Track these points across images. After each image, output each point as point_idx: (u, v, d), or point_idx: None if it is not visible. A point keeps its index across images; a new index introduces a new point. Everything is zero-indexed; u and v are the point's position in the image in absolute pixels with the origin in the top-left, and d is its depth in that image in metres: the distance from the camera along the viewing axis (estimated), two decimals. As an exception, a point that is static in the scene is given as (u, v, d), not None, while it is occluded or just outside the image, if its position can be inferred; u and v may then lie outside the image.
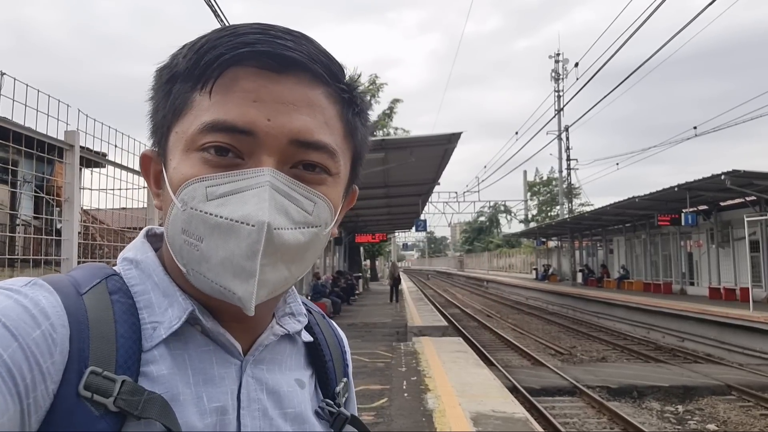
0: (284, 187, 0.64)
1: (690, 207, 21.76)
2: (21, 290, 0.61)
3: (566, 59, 47.59)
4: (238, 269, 0.62)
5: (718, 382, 11.86)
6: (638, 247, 32.66)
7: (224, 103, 0.64)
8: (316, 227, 0.68)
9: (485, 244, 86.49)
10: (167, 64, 0.70)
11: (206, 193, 0.63)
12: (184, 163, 0.66)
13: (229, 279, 0.62)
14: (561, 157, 47.48)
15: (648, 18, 12.95)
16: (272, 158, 0.65)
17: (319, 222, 0.68)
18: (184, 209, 0.64)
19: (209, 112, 0.64)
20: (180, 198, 0.65)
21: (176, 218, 0.66)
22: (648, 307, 21.68)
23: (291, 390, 0.76)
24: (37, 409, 0.56)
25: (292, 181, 0.65)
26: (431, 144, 13.28)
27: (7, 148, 3.60)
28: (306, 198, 0.66)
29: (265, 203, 0.62)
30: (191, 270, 0.65)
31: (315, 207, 0.67)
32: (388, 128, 34.04)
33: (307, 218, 0.66)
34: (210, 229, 0.63)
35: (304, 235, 0.66)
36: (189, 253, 0.65)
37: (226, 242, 0.62)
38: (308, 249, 0.68)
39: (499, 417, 7.16)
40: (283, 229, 0.63)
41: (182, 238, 0.65)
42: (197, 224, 0.63)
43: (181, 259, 0.67)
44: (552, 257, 48.92)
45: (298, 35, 0.67)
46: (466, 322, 23.79)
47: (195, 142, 0.65)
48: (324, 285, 19.09)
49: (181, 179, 0.65)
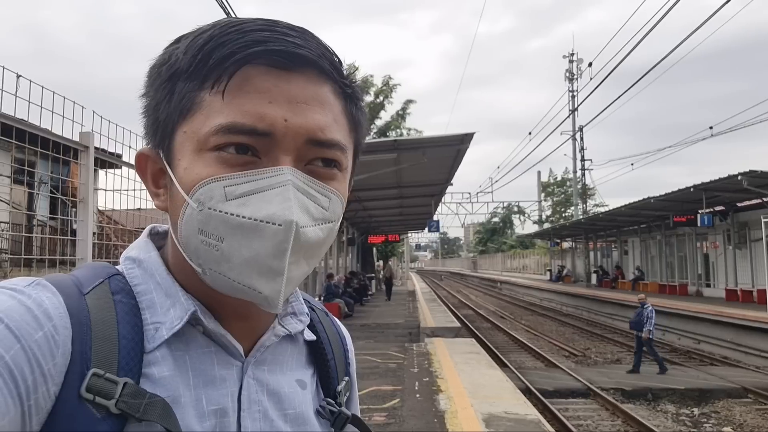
0: (304, 186, 0.65)
1: (706, 208, 21.51)
2: (24, 290, 0.61)
3: (580, 59, 47.28)
4: (264, 268, 0.62)
5: (734, 384, 11.73)
6: (653, 249, 32.35)
7: (239, 105, 0.64)
8: (332, 222, 0.69)
9: (499, 245, 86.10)
10: (165, 59, 0.68)
11: (225, 192, 0.63)
12: (197, 163, 0.65)
13: (255, 278, 0.63)
14: (575, 157, 47.13)
15: (663, 17, 12.85)
16: (289, 157, 0.65)
17: (334, 217, 0.69)
18: (201, 209, 0.64)
19: (223, 114, 0.64)
20: (195, 198, 0.64)
21: (191, 218, 0.65)
22: (663, 308, 21.44)
23: (292, 391, 0.76)
24: (38, 411, 0.56)
25: (310, 179, 0.66)
26: (444, 144, 13.24)
27: (25, 149, 3.65)
28: (322, 195, 0.67)
29: (290, 202, 0.62)
30: (209, 270, 0.65)
31: (330, 203, 0.68)
32: (401, 129, 34.00)
33: (324, 214, 0.67)
34: (232, 229, 0.62)
35: (323, 231, 0.67)
36: (207, 254, 0.64)
37: (250, 242, 0.62)
38: (324, 243, 0.69)
39: (511, 418, 7.14)
40: (306, 227, 0.64)
41: (199, 239, 0.64)
42: (216, 224, 0.63)
43: (197, 259, 0.66)
44: (566, 258, 48.61)
45: (302, 31, 0.67)
46: (479, 323, 23.73)
47: (208, 143, 0.64)
48: (337, 285, 19.11)
49: (195, 179, 0.65)
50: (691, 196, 20.42)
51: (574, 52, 48.62)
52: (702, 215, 21.65)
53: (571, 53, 48.20)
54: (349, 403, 0.88)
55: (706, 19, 11.86)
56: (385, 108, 33.62)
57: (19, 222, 10.19)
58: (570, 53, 48.23)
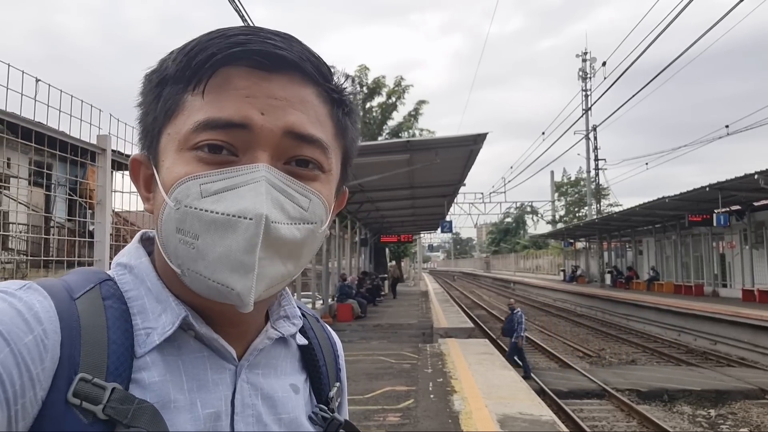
0: (279, 183, 0.65)
1: (722, 207, 21.27)
2: (15, 293, 0.61)
3: (593, 58, 47.01)
4: (237, 264, 0.62)
5: (751, 385, 11.60)
6: (668, 249, 32.07)
7: (217, 101, 0.65)
8: (311, 224, 0.68)
9: (512, 245, 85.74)
10: (156, 68, 0.70)
11: (200, 190, 0.63)
12: (177, 163, 0.66)
13: (227, 274, 0.62)
14: (589, 157, 46.92)
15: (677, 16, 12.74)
16: (266, 153, 0.65)
17: (315, 219, 0.68)
18: (178, 207, 0.64)
19: (202, 111, 0.65)
20: (173, 197, 0.64)
21: (169, 218, 0.65)
22: (679, 309, 21.28)
23: (286, 395, 0.76)
24: (24, 416, 0.56)
25: (287, 177, 0.66)
26: (456, 145, 13.22)
27: (43, 152, 3.70)
28: (301, 194, 0.67)
29: (261, 197, 0.62)
30: (186, 270, 0.65)
31: (310, 203, 0.67)
32: (413, 129, 33.95)
33: (302, 214, 0.66)
34: (206, 225, 0.62)
35: (300, 231, 0.66)
36: (185, 252, 0.64)
37: (223, 238, 0.62)
38: (304, 245, 0.68)
39: (526, 419, 7.11)
40: (279, 223, 0.63)
41: (177, 237, 0.64)
42: (192, 222, 0.63)
43: (176, 259, 0.66)
44: (580, 259, 48.31)
45: (287, 36, 0.68)
46: (493, 323, 23.64)
47: (188, 142, 0.65)
48: (350, 286, 19.12)
49: (174, 178, 0.65)
50: (707, 195, 20.21)
51: (588, 51, 48.34)
52: (718, 215, 21.42)
53: (584, 52, 47.96)
54: (339, 409, 0.87)
55: (721, 17, 11.74)
56: (398, 109, 33.60)
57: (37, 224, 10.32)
58: (583, 52, 48.01)
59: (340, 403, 0.88)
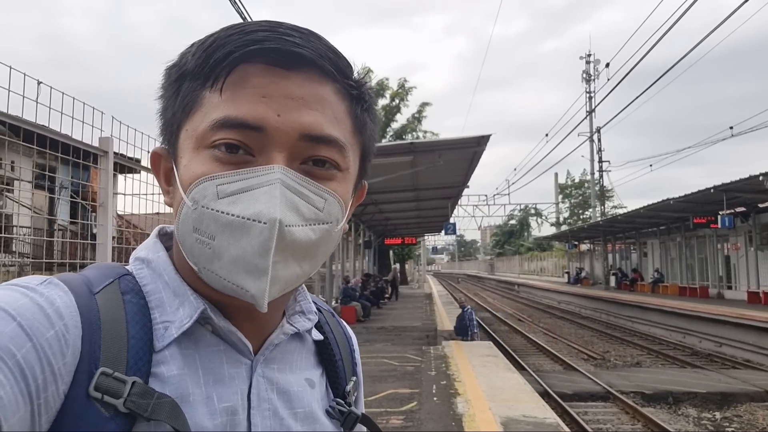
0: (294, 185, 0.65)
1: (727, 209, 21.21)
2: (37, 288, 0.61)
3: (597, 60, 46.89)
4: (251, 267, 0.62)
5: (757, 388, 11.53)
6: (673, 251, 31.98)
7: (234, 100, 0.65)
8: (327, 224, 0.68)
9: (516, 247, 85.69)
10: (176, 62, 0.70)
11: (217, 191, 0.63)
12: (194, 161, 0.66)
13: (242, 276, 0.63)
14: (593, 158, 46.74)
15: (681, 17, 12.72)
16: (282, 154, 0.65)
17: (330, 219, 0.68)
18: (195, 207, 0.64)
19: (219, 109, 0.65)
20: (191, 197, 0.65)
21: (187, 217, 0.66)
22: (684, 311, 21.20)
23: (301, 389, 0.76)
24: (47, 410, 0.56)
25: (303, 178, 0.66)
26: (460, 147, 13.22)
27: (46, 154, 3.71)
28: (316, 195, 0.66)
29: (276, 200, 0.62)
30: (203, 268, 0.66)
31: (326, 204, 0.67)
32: (417, 131, 33.97)
33: (318, 215, 0.66)
34: (222, 227, 0.63)
35: (315, 232, 0.66)
36: (201, 252, 0.65)
37: (238, 240, 0.62)
38: (319, 246, 0.68)
39: (530, 422, 7.09)
40: (294, 226, 0.63)
41: (194, 237, 0.65)
42: (209, 222, 0.64)
43: (192, 257, 0.67)
44: (584, 261, 48.20)
45: (306, 32, 0.67)
46: (497, 326, 23.60)
47: (205, 140, 0.65)
48: (354, 288, 19.12)
49: (191, 177, 0.66)
50: (712, 197, 20.15)
51: (591, 53, 48.25)
52: (723, 216, 21.35)
53: (588, 54, 47.86)
54: (356, 403, 0.88)
55: (725, 18, 11.71)
56: (401, 111, 33.63)
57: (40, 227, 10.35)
58: (587, 54, 47.90)
59: (356, 397, 0.89)
